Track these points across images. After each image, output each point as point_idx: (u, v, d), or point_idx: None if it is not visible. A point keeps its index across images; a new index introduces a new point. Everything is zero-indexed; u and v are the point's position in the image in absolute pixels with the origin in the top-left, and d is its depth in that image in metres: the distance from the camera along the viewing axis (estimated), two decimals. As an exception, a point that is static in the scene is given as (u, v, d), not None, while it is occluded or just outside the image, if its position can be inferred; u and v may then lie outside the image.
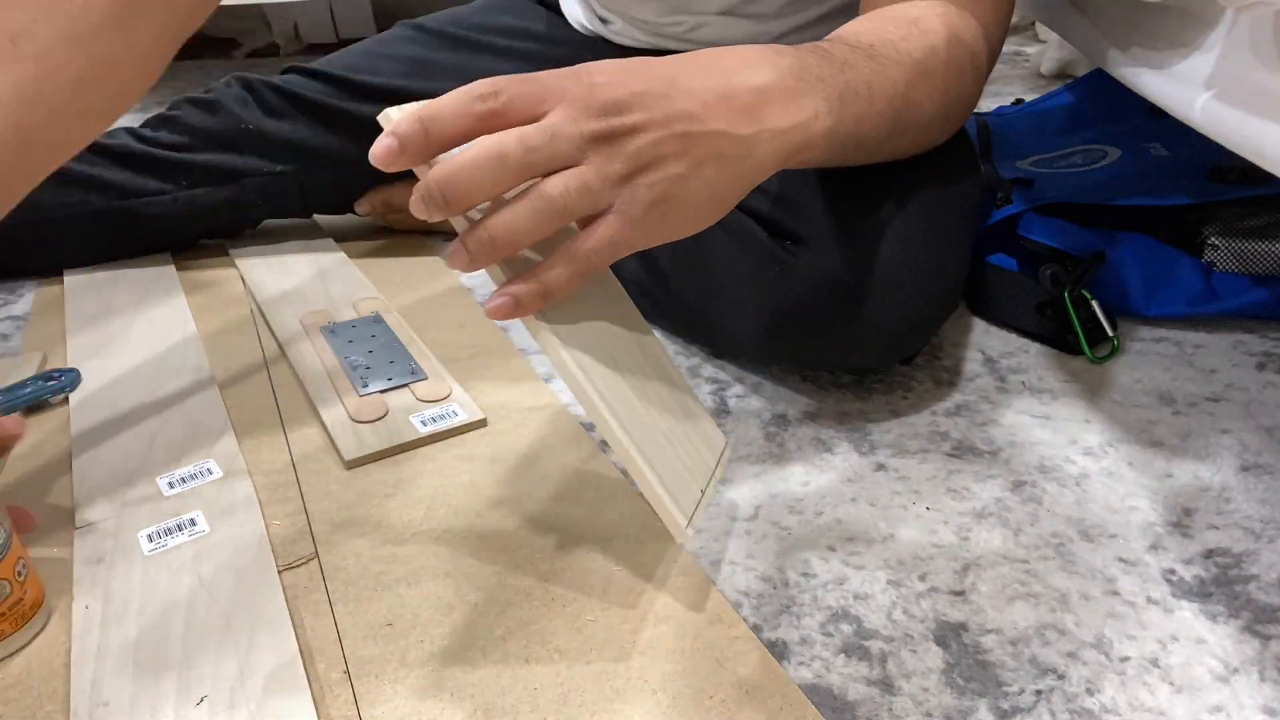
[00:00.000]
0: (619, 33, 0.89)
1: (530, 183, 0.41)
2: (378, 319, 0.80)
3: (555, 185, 0.40)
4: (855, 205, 0.63)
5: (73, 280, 0.89)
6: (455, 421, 0.65)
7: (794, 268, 0.63)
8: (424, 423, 0.65)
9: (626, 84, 0.42)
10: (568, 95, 0.41)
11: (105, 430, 0.65)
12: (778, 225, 0.66)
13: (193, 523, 0.55)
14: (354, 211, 0.98)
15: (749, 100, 0.45)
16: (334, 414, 0.66)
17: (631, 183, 0.42)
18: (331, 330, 0.78)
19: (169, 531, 0.55)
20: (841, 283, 0.61)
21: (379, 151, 0.39)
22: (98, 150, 0.87)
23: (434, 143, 0.39)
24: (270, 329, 0.80)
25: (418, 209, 0.40)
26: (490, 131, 0.40)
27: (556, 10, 0.95)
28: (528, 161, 0.40)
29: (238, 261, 0.93)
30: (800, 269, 0.63)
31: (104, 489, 0.59)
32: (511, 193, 0.41)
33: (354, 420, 0.65)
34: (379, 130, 0.40)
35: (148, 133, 0.90)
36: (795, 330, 0.64)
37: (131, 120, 0.92)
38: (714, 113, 0.44)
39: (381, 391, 0.69)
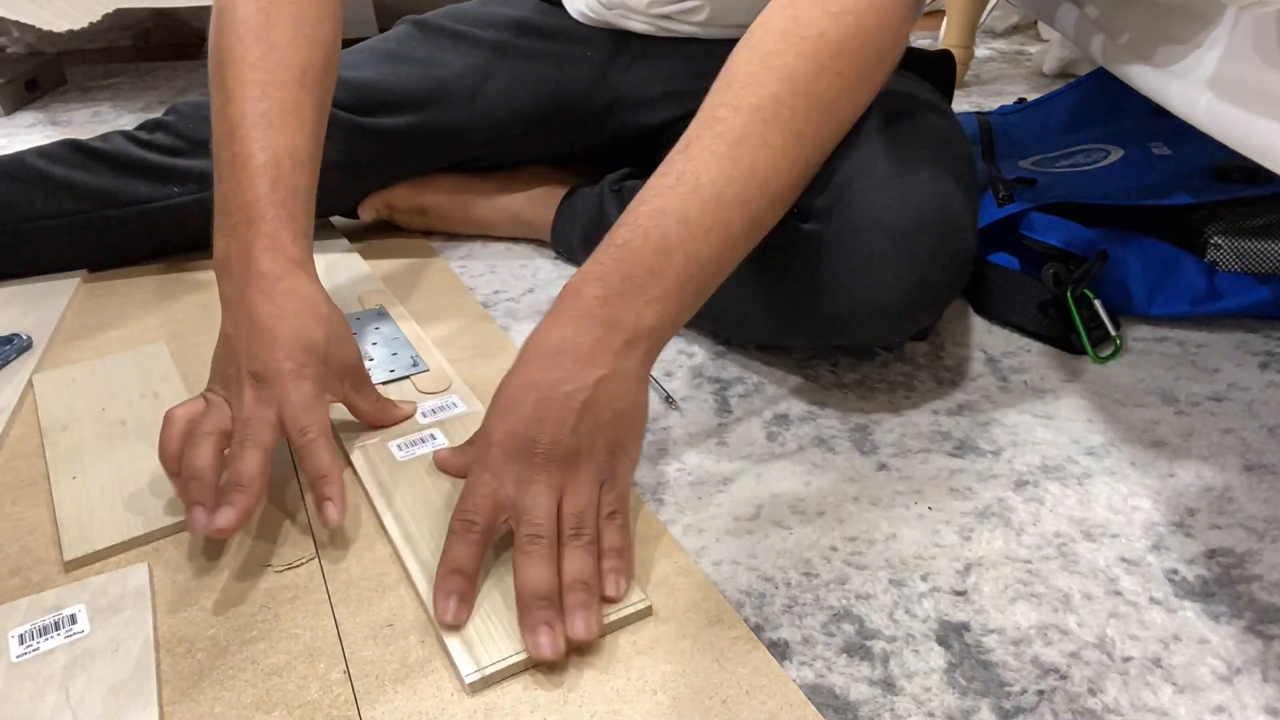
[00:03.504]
0: (622, 16, 0.88)
1: None
2: (381, 312, 0.80)
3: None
4: (858, 175, 0.63)
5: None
6: (455, 413, 0.65)
7: (801, 240, 0.62)
8: (424, 414, 0.65)
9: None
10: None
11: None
12: None
13: (72, 620, 0.49)
14: (355, 216, 0.97)
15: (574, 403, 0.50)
16: (336, 406, 0.66)
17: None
18: None
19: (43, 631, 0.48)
20: (850, 249, 0.60)
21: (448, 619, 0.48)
22: (91, 154, 0.85)
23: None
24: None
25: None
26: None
27: (556, 3, 0.94)
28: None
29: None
30: (808, 241, 0.62)
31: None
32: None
33: None
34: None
35: (143, 135, 0.88)
36: (808, 305, 0.63)
37: (128, 122, 0.90)
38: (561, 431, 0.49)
39: (383, 383, 0.69)
